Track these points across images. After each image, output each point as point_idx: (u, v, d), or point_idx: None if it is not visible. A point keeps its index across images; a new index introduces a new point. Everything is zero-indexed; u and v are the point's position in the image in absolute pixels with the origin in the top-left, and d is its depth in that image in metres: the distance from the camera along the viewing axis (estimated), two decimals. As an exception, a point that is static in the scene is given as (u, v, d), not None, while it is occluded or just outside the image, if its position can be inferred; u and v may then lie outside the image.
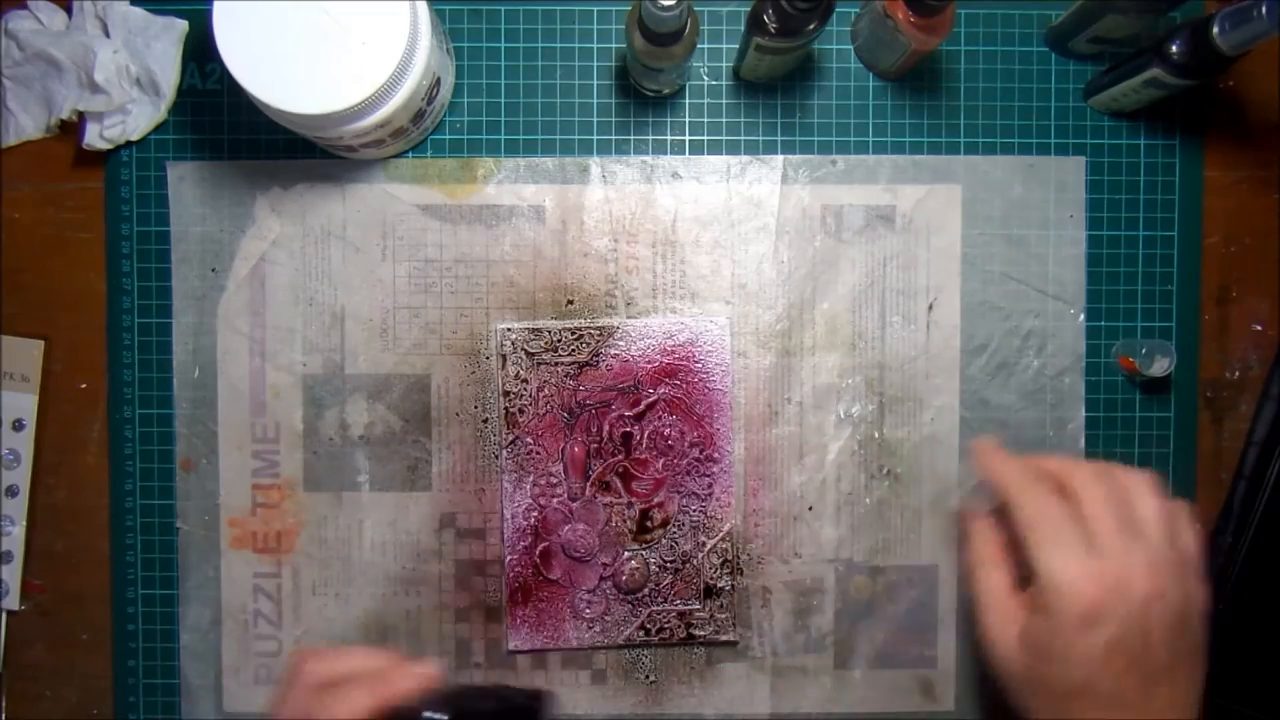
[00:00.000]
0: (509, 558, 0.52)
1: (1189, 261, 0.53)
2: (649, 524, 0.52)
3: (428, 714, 0.37)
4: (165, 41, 0.51)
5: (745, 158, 0.53)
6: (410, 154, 0.53)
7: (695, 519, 0.52)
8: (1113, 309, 0.53)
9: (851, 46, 0.53)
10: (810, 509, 0.53)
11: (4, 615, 0.53)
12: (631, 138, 0.53)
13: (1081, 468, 0.40)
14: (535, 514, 0.52)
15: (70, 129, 0.52)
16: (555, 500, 0.52)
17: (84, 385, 0.53)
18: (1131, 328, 0.53)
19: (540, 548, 0.52)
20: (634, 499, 0.52)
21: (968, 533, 0.44)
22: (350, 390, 0.52)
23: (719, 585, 0.52)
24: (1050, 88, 0.53)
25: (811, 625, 0.53)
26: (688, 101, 0.53)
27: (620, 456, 0.52)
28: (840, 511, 0.53)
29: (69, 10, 0.52)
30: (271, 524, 0.53)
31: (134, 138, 0.52)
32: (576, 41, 0.53)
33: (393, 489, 0.53)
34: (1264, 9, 0.42)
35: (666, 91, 0.52)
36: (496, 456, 0.52)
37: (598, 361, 0.52)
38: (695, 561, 0.52)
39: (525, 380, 0.52)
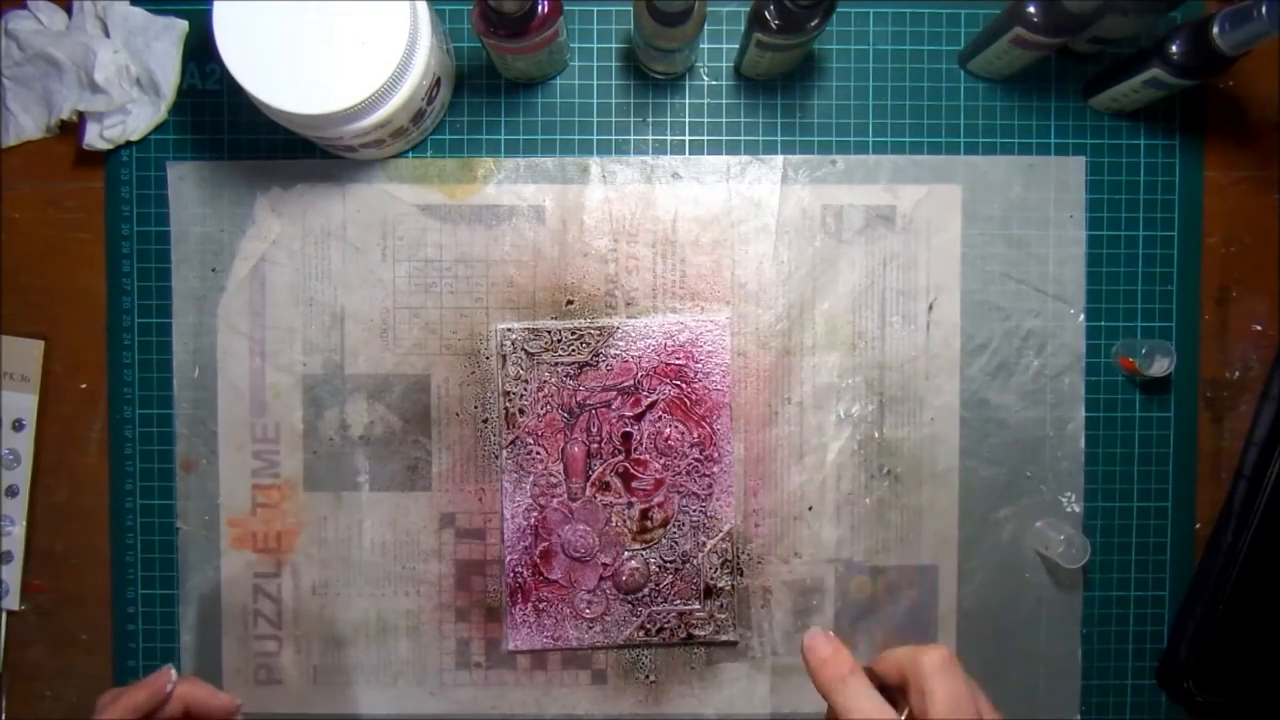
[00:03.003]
0: (509, 558, 0.52)
1: (1189, 261, 0.53)
2: (649, 524, 0.52)
3: None
4: (165, 41, 0.51)
5: (745, 158, 0.53)
6: (410, 154, 0.53)
7: (695, 519, 0.52)
8: (1113, 309, 0.53)
9: (851, 47, 0.53)
10: (810, 509, 0.53)
11: (4, 615, 0.53)
12: (631, 138, 0.53)
13: (924, 657, 0.36)
14: (535, 514, 0.52)
15: (70, 129, 0.52)
16: (555, 500, 0.52)
17: (84, 385, 0.53)
18: (1131, 328, 0.53)
19: (540, 548, 0.52)
20: (634, 499, 0.52)
21: None
22: (350, 390, 0.52)
23: (719, 585, 0.52)
24: (1050, 88, 0.53)
25: (811, 625, 0.53)
26: (688, 101, 0.53)
27: (620, 456, 0.52)
28: (840, 511, 0.53)
29: (69, 10, 0.52)
30: (271, 524, 0.53)
31: (134, 138, 0.52)
32: (577, 41, 0.53)
33: (393, 489, 0.53)
34: (1264, 9, 0.42)
35: (678, 71, 0.52)
36: (496, 456, 0.52)
37: (598, 361, 0.52)
38: (695, 561, 0.52)
39: (525, 380, 0.52)
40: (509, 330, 0.52)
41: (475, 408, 0.53)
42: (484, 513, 0.53)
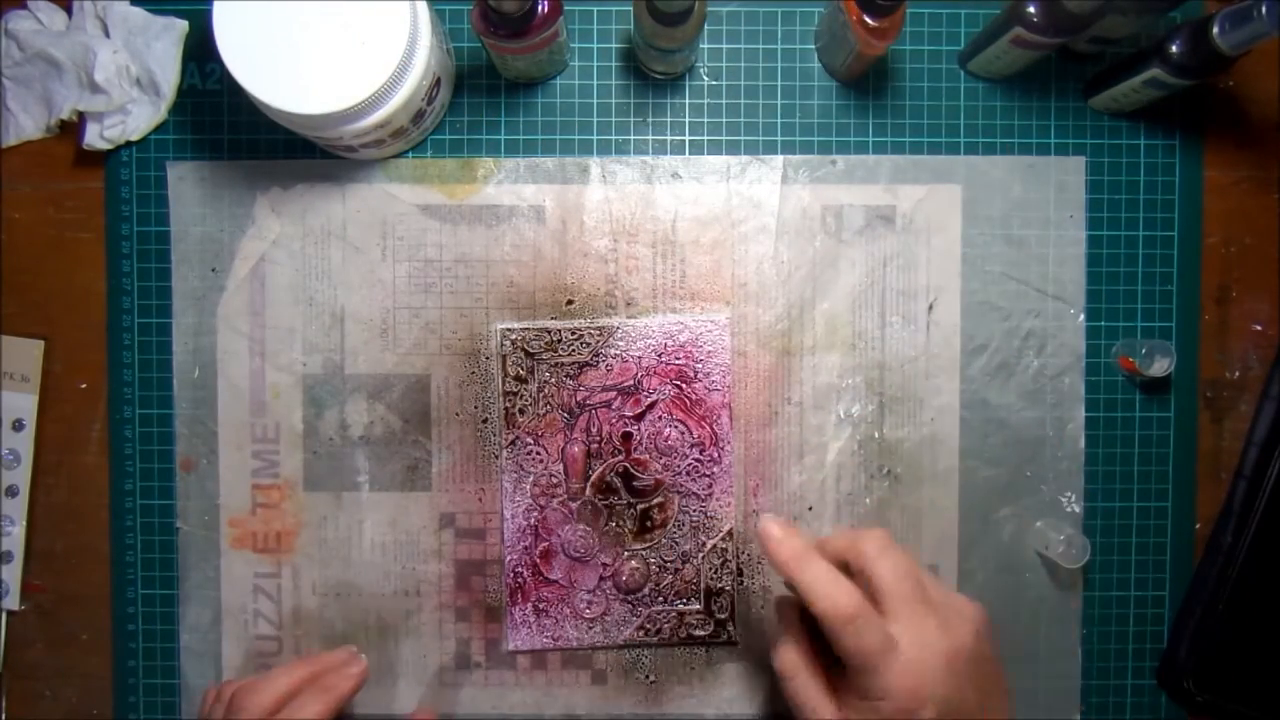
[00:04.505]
0: (509, 558, 0.52)
1: (1189, 261, 0.53)
2: (649, 524, 0.52)
3: None
4: (165, 41, 0.51)
5: (745, 158, 0.53)
6: (410, 154, 0.53)
7: (695, 519, 0.52)
8: (1113, 309, 0.53)
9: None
10: (810, 509, 0.53)
11: (4, 615, 0.53)
12: (631, 138, 0.53)
13: (863, 543, 0.41)
14: (535, 514, 0.52)
15: (70, 129, 0.52)
16: (555, 500, 0.52)
17: (84, 385, 0.53)
18: (1131, 328, 0.53)
19: (540, 548, 0.52)
20: (634, 499, 0.52)
21: (780, 631, 0.44)
22: (350, 390, 0.52)
23: (719, 586, 0.52)
24: (1050, 87, 0.53)
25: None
26: (688, 101, 0.53)
27: (620, 456, 0.52)
28: (840, 511, 0.53)
29: (69, 10, 0.52)
30: (271, 524, 0.53)
31: (134, 138, 0.52)
32: (577, 41, 0.53)
33: (393, 489, 0.53)
34: (1264, 9, 0.42)
35: (678, 71, 0.52)
36: (496, 456, 0.52)
37: (598, 361, 0.52)
38: (695, 561, 0.52)
39: (525, 380, 0.52)
40: (509, 330, 0.52)
41: (475, 408, 0.53)
42: (484, 513, 0.53)
